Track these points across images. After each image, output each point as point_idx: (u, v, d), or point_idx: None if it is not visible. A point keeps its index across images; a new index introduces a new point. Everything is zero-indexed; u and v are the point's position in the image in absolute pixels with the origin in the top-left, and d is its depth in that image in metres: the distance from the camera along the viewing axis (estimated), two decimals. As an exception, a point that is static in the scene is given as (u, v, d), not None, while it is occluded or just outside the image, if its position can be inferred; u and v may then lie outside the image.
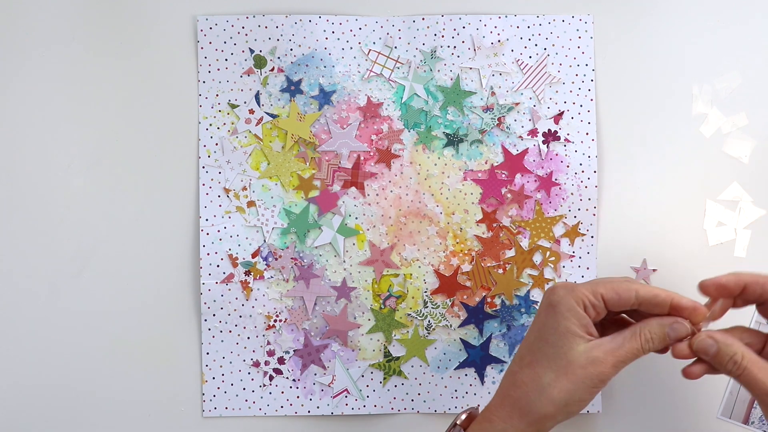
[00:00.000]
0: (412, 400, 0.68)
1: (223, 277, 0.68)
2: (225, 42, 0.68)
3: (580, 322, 0.53)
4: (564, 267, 0.68)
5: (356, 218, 0.68)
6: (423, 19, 0.68)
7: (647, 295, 0.54)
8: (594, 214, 0.68)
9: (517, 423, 0.53)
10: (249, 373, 0.68)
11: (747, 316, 0.67)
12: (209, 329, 0.68)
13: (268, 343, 0.68)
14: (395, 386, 0.68)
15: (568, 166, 0.68)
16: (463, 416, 0.57)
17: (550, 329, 0.54)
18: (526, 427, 0.53)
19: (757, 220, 0.69)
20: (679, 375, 0.68)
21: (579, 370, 0.53)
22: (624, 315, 0.58)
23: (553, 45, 0.68)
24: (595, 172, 0.68)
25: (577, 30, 0.68)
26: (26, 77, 0.68)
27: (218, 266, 0.68)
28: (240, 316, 0.68)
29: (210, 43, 0.68)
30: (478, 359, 0.68)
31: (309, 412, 0.68)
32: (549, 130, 0.68)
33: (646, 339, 0.54)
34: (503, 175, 0.68)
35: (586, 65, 0.68)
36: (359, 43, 0.68)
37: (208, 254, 0.68)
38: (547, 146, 0.68)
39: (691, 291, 0.69)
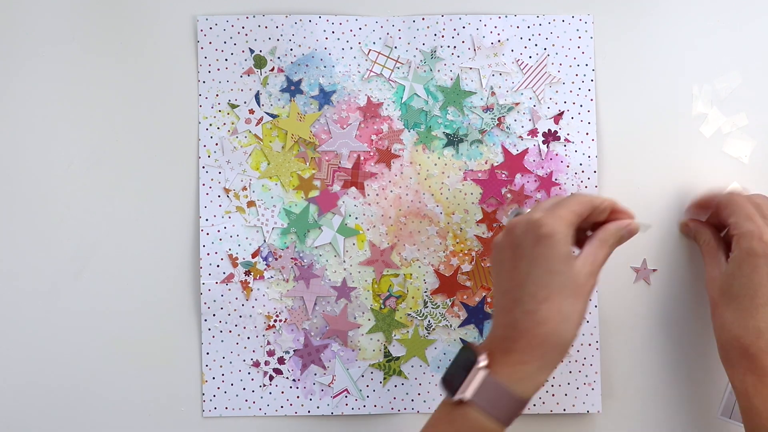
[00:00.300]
0: (412, 400, 0.68)
1: (223, 277, 0.68)
2: (225, 42, 0.68)
3: (570, 244, 0.55)
4: (564, 267, 0.68)
5: (356, 218, 0.68)
6: (423, 19, 0.68)
7: (595, 202, 0.58)
8: (594, 214, 0.68)
9: (551, 357, 0.54)
10: (249, 373, 0.68)
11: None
12: (209, 329, 0.68)
13: (268, 343, 0.68)
14: (395, 386, 0.68)
15: (568, 166, 0.68)
16: (485, 359, 0.54)
17: (553, 259, 0.54)
18: (557, 357, 0.54)
19: (757, 220, 0.68)
20: (680, 375, 0.69)
21: (584, 288, 0.55)
22: None
23: (553, 45, 0.68)
24: (595, 172, 0.68)
25: (577, 30, 0.68)
26: (26, 77, 0.68)
27: (218, 266, 0.68)
28: (240, 316, 0.68)
29: (210, 43, 0.68)
30: (478, 359, 0.68)
31: (309, 412, 0.68)
32: (549, 130, 0.68)
33: (611, 244, 0.58)
34: (503, 175, 0.68)
35: (586, 65, 0.68)
36: (359, 43, 0.68)
37: (208, 254, 0.68)
38: (547, 146, 0.68)
39: (691, 291, 0.69)
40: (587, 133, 0.68)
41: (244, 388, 0.68)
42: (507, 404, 0.53)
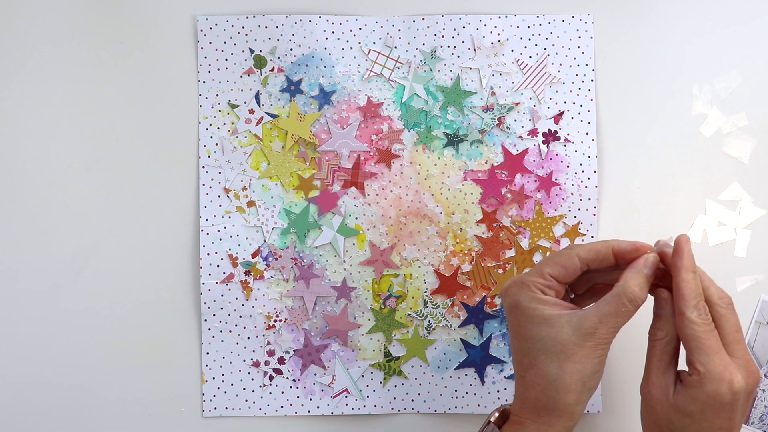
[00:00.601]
0: (412, 400, 0.68)
1: (223, 277, 0.68)
2: (225, 42, 0.68)
3: (549, 305, 0.54)
4: (564, 267, 0.68)
5: (356, 218, 0.68)
6: (423, 19, 0.68)
7: (588, 255, 0.54)
8: (594, 214, 0.68)
9: (547, 420, 0.53)
10: (249, 373, 0.68)
11: (746, 319, 0.67)
12: (209, 329, 0.68)
13: (268, 343, 0.68)
14: (395, 386, 0.68)
15: (568, 166, 0.68)
16: (497, 414, 0.57)
17: (527, 326, 0.54)
18: (556, 420, 0.53)
19: (757, 220, 0.69)
20: (679, 375, 0.68)
21: (577, 349, 0.52)
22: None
23: (553, 45, 0.68)
24: (595, 172, 0.68)
25: (577, 30, 0.68)
26: (26, 77, 0.68)
27: (218, 266, 0.68)
28: (240, 316, 0.68)
29: (210, 43, 0.68)
30: (478, 359, 0.68)
31: (309, 412, 0.68)
32: (549, 130, 0.68)
33: (631, 297, 0.53)
34: (503, 175, 0.68)
35: (586, 65, 0.68)
36: (359, 43, 0.68)
37: (208, 254, 0.68)
38: (547, 146, 0.68)
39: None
40: (587, 133, 0.68)
41: (244, 388, 0.68)
42: None
